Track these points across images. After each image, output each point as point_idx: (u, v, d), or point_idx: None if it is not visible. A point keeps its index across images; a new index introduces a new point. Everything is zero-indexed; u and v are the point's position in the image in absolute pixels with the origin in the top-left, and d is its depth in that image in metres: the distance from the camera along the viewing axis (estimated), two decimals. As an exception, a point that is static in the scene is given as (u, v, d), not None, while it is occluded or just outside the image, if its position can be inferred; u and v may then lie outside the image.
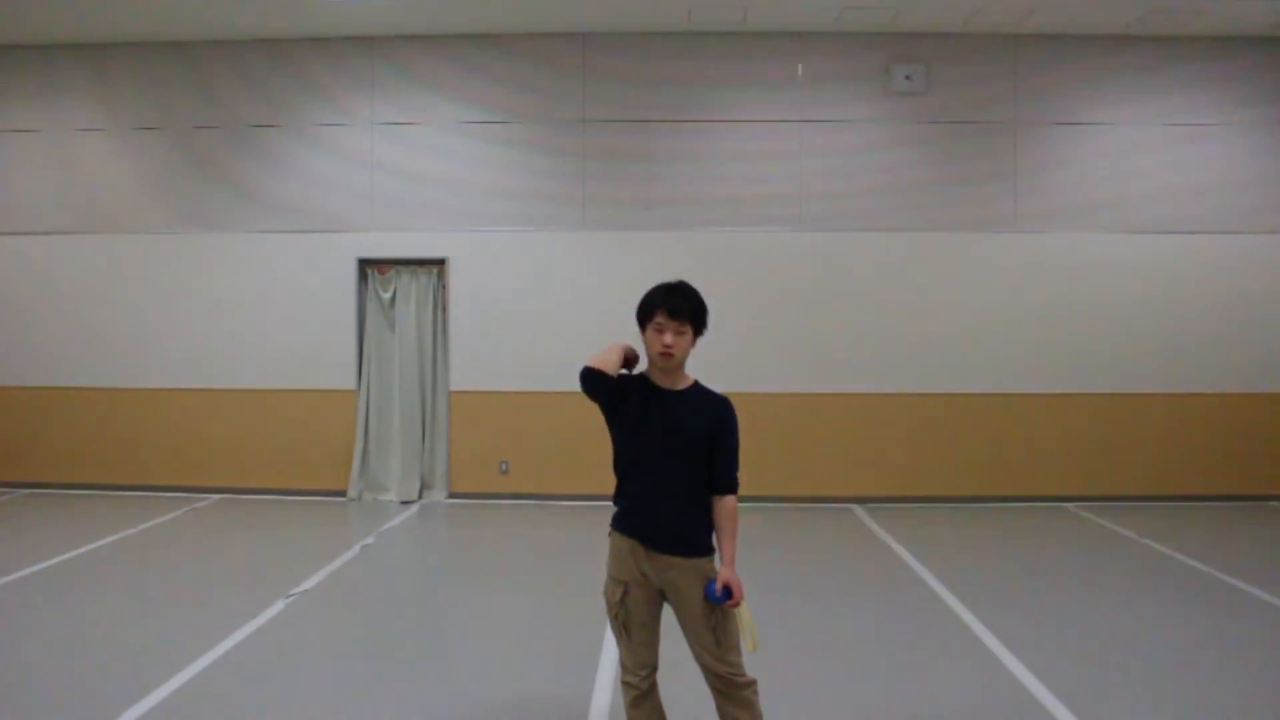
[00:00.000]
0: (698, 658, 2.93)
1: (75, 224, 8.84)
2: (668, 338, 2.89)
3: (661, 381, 2.99)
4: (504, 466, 8.58)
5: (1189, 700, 4.03)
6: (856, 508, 8.28)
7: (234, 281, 8.72)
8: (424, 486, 8.70)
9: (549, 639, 4.81)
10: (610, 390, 2.95)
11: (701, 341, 3.05)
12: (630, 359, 3.03)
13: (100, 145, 8.84)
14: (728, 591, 2.85)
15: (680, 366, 2.99)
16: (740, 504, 2.99)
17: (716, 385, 3.07)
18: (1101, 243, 8.48)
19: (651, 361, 2.99)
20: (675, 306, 2.89)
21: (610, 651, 4.45)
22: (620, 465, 3.01)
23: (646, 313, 2.94)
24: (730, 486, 2.97)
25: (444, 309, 8.74)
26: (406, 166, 8.63)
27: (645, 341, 2.98)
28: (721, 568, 2.90)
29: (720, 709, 2.93)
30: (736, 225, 8.52)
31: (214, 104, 8.76)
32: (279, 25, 8.38)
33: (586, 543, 2.87)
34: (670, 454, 2.92)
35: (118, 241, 8.82)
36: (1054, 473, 8.46)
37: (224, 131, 8.76)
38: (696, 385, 3.04)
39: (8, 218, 8.91)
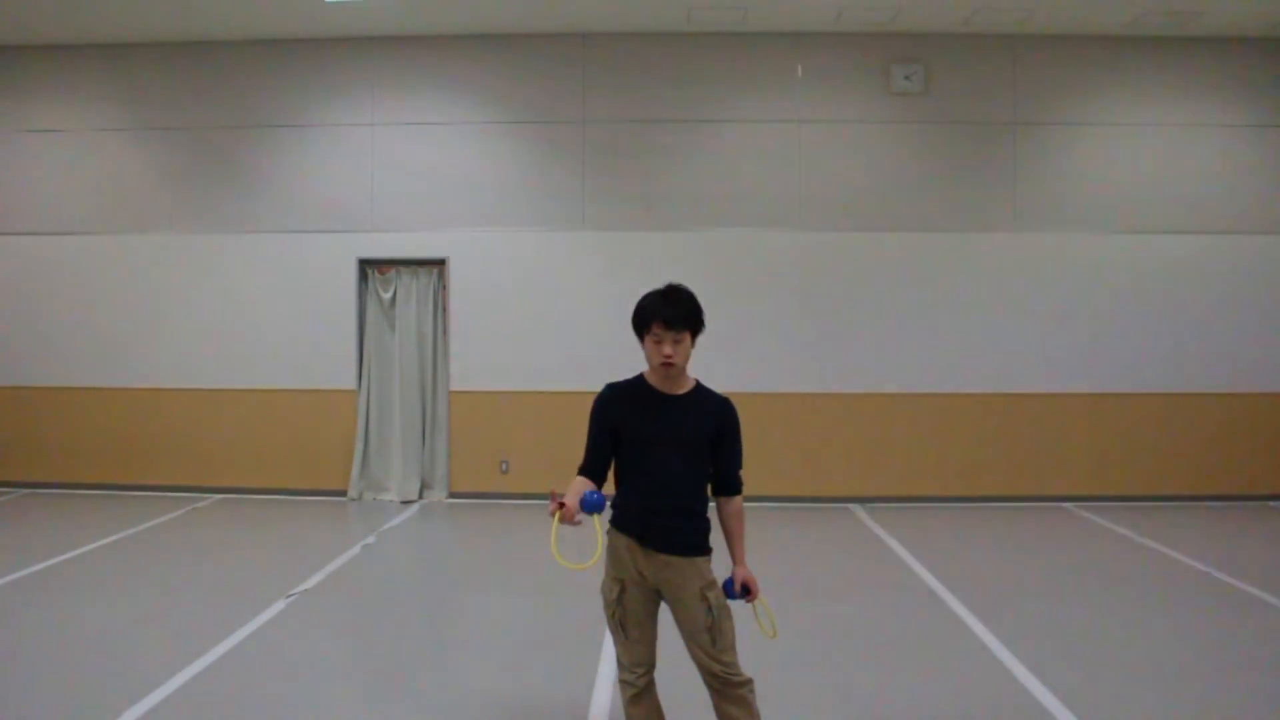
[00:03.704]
0: (694, 656, 2.93)
1: (79, 224, 8.84)
2: (666, 349, 2.88)
3: (661, 387, 2.98)
4: (504, 466, 8.58)
5: (1189, 700, 4.02)
6: (856, 508, 8.28)
7: (234, 281, 8.72)
8: (424, 486, 8.70)
9: (549, 638, 4.82)
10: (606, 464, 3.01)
11: (700, 341, 3.04)
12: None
13: (107, 146, 8.84)
14: (745, 588, 2.96)
15: (682, 371, 2.98)
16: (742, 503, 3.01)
17: (715, 385, 3.07)
18: (1101, 243, 8.48)
19: (652, 369, 2.98)
20: (671, 316, 2.87)
21: (610, 650, 4.45)
22: (621, 465, 3.01)
23: (643, 323, 2.93)
24: (736, 487, 3.03)
25: (444, 309, 8.74)
26: (407, 166, 8.63)
27: (645, 350, 2.96)
28: (736, 566, 2.99)
29: (717, 708, 2.94)
30: (736, 225, 8.52)
31: (213, 104, 8.76)
32: (279, 25, 8.38)
33: (586, 542, 2.86)
34: (671, 456, 2.93)
35: (118, 242, 8.82)
36: (1054, 473, 8.45)
37: (224, 131, 8.76)
38: (698, 387, 3.03)
39: (19, 218, 8.89)
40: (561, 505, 2.73)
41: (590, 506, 2.74)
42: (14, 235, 8.90)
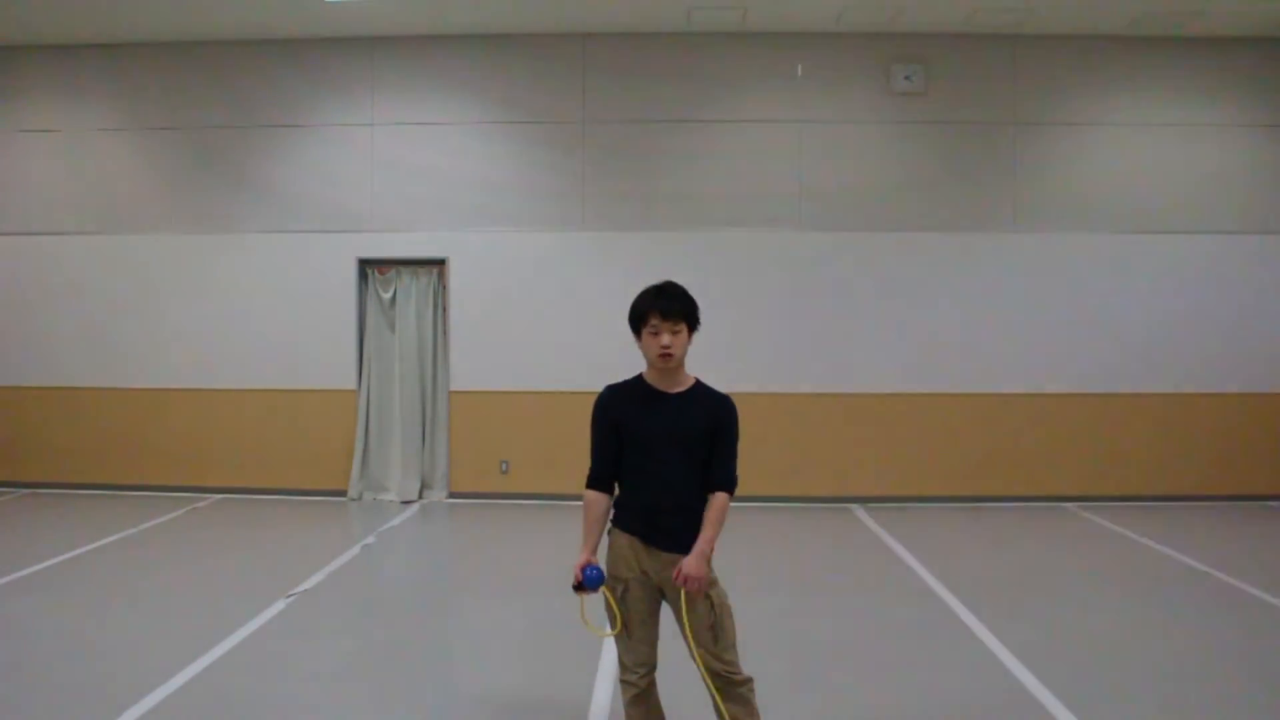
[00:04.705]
0: (694, 655, 2.93)
1: (78, 224, 8.83)
2: (664, 339, 2.89)
3: (660, 384, 2.98)
4: (504, 466, 8.58)
5: (1188, 700, 4.02)
6: (856, 508, 8.28)
7: (234, 281, 8.72)
8: (424, 486, 8.70)
9: (549, 638, 4.81)
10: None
11: (700, 340, 3.05)
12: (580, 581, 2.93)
13: (106, 146, 8.83)
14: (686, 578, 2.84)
15: (680, 366, 2.98)
16: (740, 504, 2.99)
17: (716, 385, 3.07)
18: (1101, 243, 8.48)
19: (651, 365, 2.98)
20: (667, 308, 2.90)
21: (610, 651, 4.44)
22: (623, 465, 3.01)
23: (639, 318, 2.94)
24: (724, 484, 2.97)
25: (444, 309, 8.74)
26: (407, 166, 8.63)
27: (642, 347, 2.97)
28: (689, 556, 2.86)
29: (717, 707, 2.94)
30: (736, 225, 8.52)
31: (212, 104, 8.76)
32: (279, 25, 8.38)
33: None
34: (671, 454, 2.93)
35: (117, 242, 8.81)
36: (1054, 473, 8.45)
37: (224, 131, 8.76)
38: (698, 385, 3.03)
39: (18, 218, 8.88)
40: (580, 586, 2.88)
41: (591, 584, 2.87)
42: (13, 235, 8.89)
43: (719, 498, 2.96)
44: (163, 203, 8.82)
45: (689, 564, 2.85)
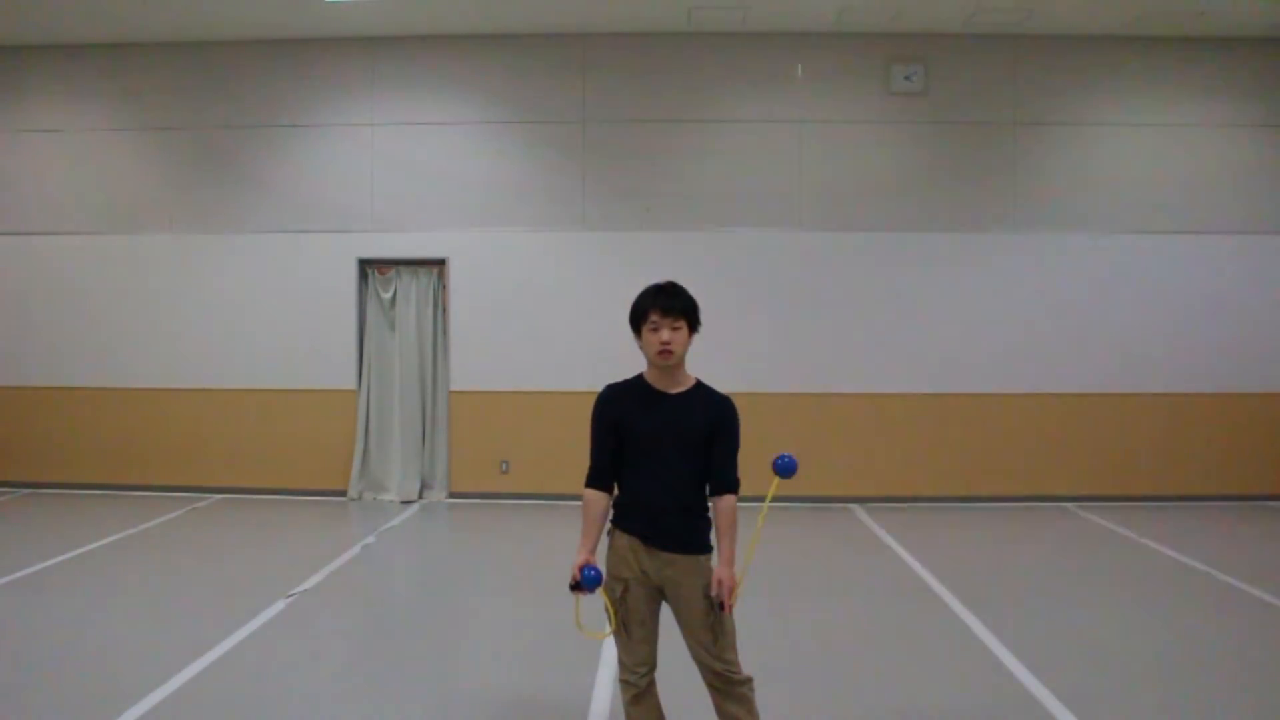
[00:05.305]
0: (695, 655, 2.94)
1: (79, 224, 8.84)
2: (664, 335, 2.90)
3: (659, 384, 2.99)
4: (504, 466, 8.58)
5: (1189, 700, 4.02)
6: (856, 508, 8.28)
7: (235, 281, 8.72)
8: (424, 486, 8.71)
9: (549, 638, 4.81)
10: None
11: (699, 340, 3.05)
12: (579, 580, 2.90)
13: (107, 146, 8.84)
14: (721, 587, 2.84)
15: (680, 365, 2.98)
16: (741, 504, 2.98)
17: (716, 385, 3.07)
18: (1101, 243, 8.48)
19: (651, 363, 2.98)
20: (667, 305, 2.91)
21: (610, 651, 4.45)
22: (623, 465, 3.01)
23: (639, 316, 2.95)
24: (728, 486, 2.96)
25: (444, 309, 8.74)
26: (407, 166, 8.63)
27: (642, 345, 2.97)
28: (719, 565, 2.89)
29: (718, 706, 2.94)
30: (736, 225, 8.52)
31: (213, 104, 8.76)
32: (279, 25, 8.38)
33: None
34: (671, 454, 2.93)
35: (118, 242, 8.82)
36: (1054, 473, 8.45)
37: (224, 131, 8.76)
38: (699, 385, 3.03)
39: (19, 218, 8.88)
40: (578, 586, 2.86)
41: (589, 584, 2.86)
42: (14, 235, 8.89)
43: (726, 502, 2.94)
44: (163, 203, 8.82)
45: (725, 573, 2.84)
